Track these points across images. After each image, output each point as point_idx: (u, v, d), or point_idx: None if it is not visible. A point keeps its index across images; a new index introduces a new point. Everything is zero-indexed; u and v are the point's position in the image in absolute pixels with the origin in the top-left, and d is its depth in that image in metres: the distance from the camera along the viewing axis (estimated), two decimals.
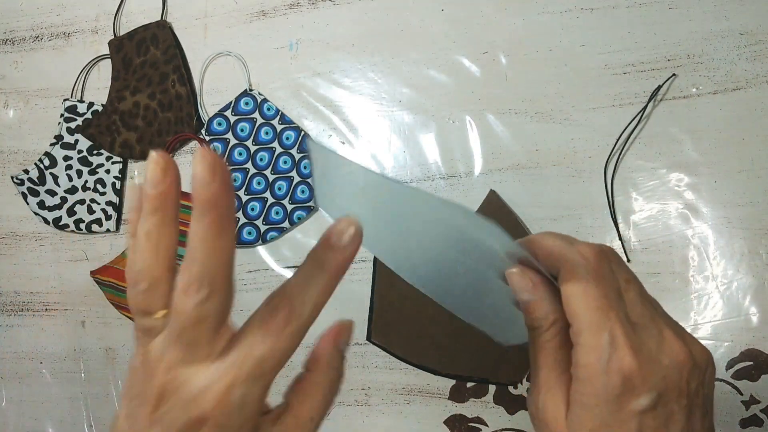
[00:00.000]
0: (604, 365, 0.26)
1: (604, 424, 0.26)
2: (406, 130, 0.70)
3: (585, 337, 0.26)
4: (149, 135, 0.76)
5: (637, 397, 0.26)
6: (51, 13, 0.83)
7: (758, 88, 0.62)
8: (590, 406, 0.26)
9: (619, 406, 0.26)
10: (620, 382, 0.26)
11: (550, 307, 0.28)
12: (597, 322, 0.26)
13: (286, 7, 0.75)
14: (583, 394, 0.26)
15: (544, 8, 0.68)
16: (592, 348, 0.26)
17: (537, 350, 0.29)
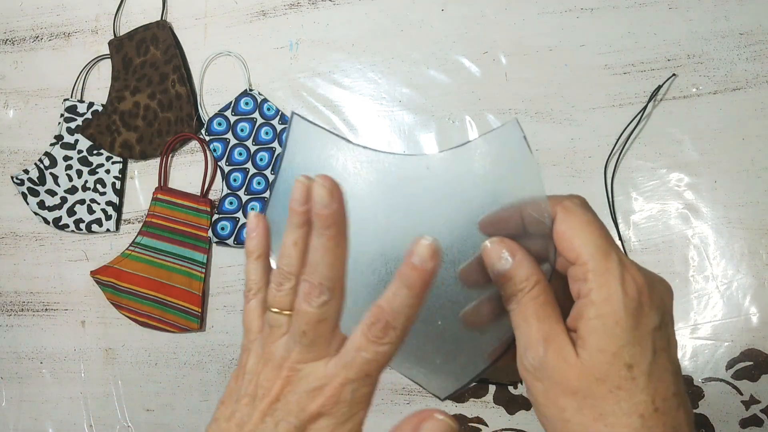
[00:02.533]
0: (619, 283, 0.27)
1: (626, 343, 0.26)
2: (406, 130, 0.70)
3: (596, 263, 0.27)
4: (149, 135, 0.76)
5: (647, 315, 0.27)
6: (51, 13, 0.83)
7: (758, 88, 0.62)
8: (610, 327, 0.26)
9: (636, 322, 0.27)
10: (636, 296, 0.27)
11: (531, 268, 0.29)
12: (605, 248, 0.27)
13: (286, 7, 0.75)
14: (599, 316, 0.27)
15: (544, 8, 0.68)
16: (604, 270, 0.27)
17: (525, 309, 0.28)
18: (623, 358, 0.26)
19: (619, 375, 0.26)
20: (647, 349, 0.27)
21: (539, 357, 0.27)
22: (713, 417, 0.60)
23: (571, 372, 0.27)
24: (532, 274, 0.29)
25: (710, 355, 0.61)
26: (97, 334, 0.77)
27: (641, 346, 0.27)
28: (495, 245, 0.30)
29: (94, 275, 0.75)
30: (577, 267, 0.28)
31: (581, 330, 0.27)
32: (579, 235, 0.28)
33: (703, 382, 0.61)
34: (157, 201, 0.74)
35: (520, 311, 0.29)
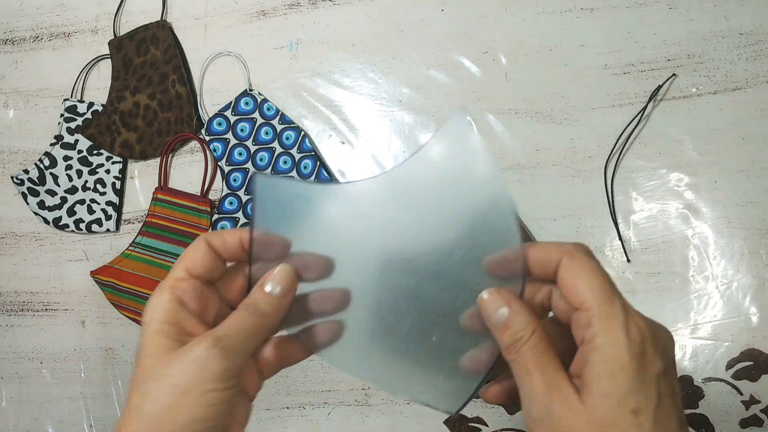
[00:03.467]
0: (623, 328, 0.27)
1: (631, 389, 0.26)
2: (406, 130, 0.70)
3: (600, 309, 0.27)
4: (149, 135, 0.76)
5: (652, 360, 0.27)
6: (51, 13, 0.83)
7: (758, 88, 0.62)
8: (615, 372, 0.26)
9: (641, 367, 0.27)
10: (640, 341, 0.27)
11: (528, 316, 0.29)
12: (609, 294, 0.28)
13: (286, 7, 0.75)
14: (605, 361, 0.27)
15: (544, 8, 0.68)
16: (609, 316, 0.27)
17: (525, 360, 0.29)
18: (629, 404, 0.26)
19: (625, 421, 0.26)
20: (652, 395, 0.27)
21: (545, 407, 0.27)
22: (713, 417, 0.60)
23: (578, 420, 0.27)
24: (529, 323, 0.29)
25: (710, 355, 0.61)
26: (97, 334, 0.77)
27: (647, 391, 0.27)
28: (491, 296, 0.30)
29: (94, 275, 0.75)
30: (581, 313, 0.28)
31: (586, 376, 0.27)
32: (583, 281, 0.28)
33: (703, 382, 0.61)
34: (157, 201, 0.74)
35: (521, 362, 0.29)
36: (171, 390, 0.29)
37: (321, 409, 0.70)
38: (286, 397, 0.71)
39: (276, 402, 0.71)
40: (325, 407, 0.70)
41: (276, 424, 0.71)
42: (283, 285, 0.32)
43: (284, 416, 0.71)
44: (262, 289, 0.32)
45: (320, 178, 0.70)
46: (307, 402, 0.70)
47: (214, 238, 0.33)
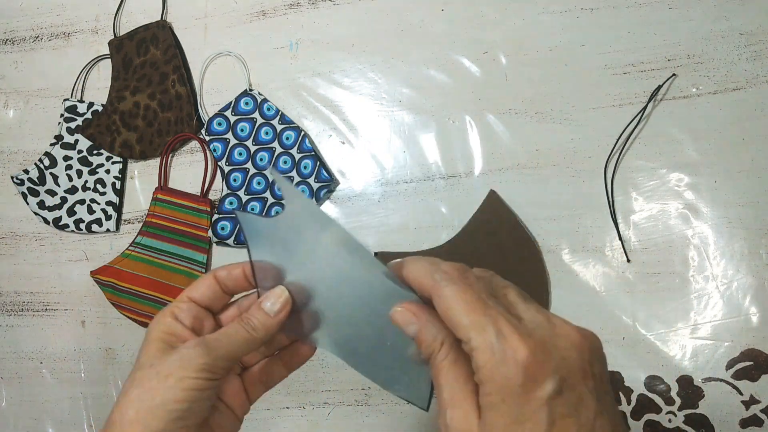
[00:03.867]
0: (498, 358, 0.26)
1: (515, 421, 0.25)
2: (406, 130, 0.70)
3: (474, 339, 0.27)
4: (149, 135, 0.76)
5: (540, 384, 0.25)
6: (51, 13, 0.83)
7: (758, 88, 0.62)
8: (497, 404, 0.26)
9: (526, 397, 0.25)
10: (519, 370, 0.25)
11: (436, 329, 0.29)
12: (478, 321, 0.27)
13: (286, 7, 0.75)
14: (488, 394, 0.26)
15: (544, 8, 0.68)
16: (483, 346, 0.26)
17: (436, 372, 0.29)
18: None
19: None
20: (542, 422, 0.25)
21: (445, 424, 0.28)
22: (713, 417, 0.60)
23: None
24: (438, 334, 0.29)
25: (710, 355, 0.61)
26: (97, 334, 0.77)
27: (534, 420, 0.25)
28: (400, 311, 0.31)
29: (94, 275, 0.75)
30: (464, 344, 0.28)
31: (480, 404, 0.27)
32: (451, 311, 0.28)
33: (703, 382, 0.61)
34: (157, 201, 0.74)
35: (434, 373, 0.29)
36: (154, 376, 0.33)
37: (321, 409, 0.70)
38: (286, 397, 0.71)
39: (276, 402, 0.71)
40: (325, 407, 0.70)
41: (276, 424, 0.71)
42: (278, 304, 0.36)
43: (284, 416, 0.71)
44: (259, 306, 0.36)
45: (320, 178, 0.70)
46: (307, 402, 0.70)
47: (221, 271, 0.38)
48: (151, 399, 0.32)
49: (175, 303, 0.38)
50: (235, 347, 0.35)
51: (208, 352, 0.34)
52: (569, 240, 0.65)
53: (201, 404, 0.34)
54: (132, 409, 0.32)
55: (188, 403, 0.33)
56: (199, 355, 0.33)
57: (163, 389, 0.32)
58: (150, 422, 0.32)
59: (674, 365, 0.61)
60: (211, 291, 0.38)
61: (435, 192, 0.69)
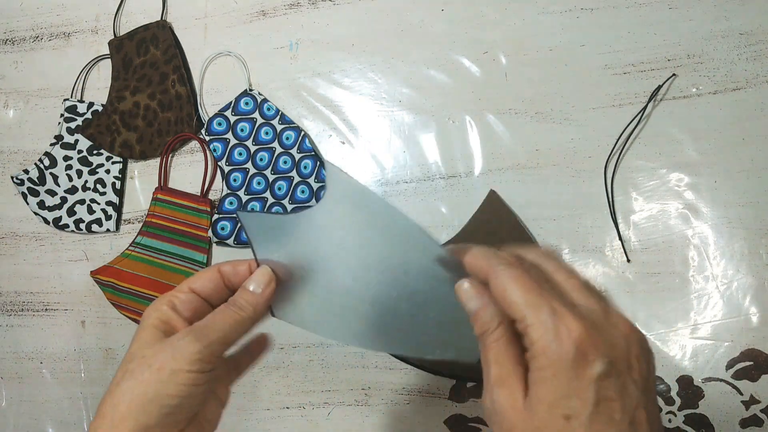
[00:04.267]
0: (552, 334, 0.27)
1: (563, 395, 0.26)
2: (406, 130, 0.70)
3: (529, 317, 0.28)
4: (149, 135, 0.76)
5: (591, 363, 0.27)
6: (51, 13, 0.83)
7: (758, 88, 0.62)
8: (548, 378, 0.27)
9: (576, 373, 0.26)
10: (572, 347, 0.27)
11: (494, 309, 0.31)
12: (534, 300, 0.28)
13: (286, 7, 0.75)
14: (539, 368, 0.27)
15: (544, 8, 0.68)
16: (538, 323, 0.28)
17: (487, 351, 0.30)
18: (561, 409, 0.26)
19: (556, 426, 0.26)
20: (588, 400, 0.26)
21: (492, 400, 0.28)
22: (713, 417, 0.60)
23: (517, 418, 0.27)
24: (495, 316, 0.30)
25: (710, 355, 0.61)
26: (97, 334, 0.77)
27: (581, 397, 0.26)
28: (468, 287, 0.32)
29: (94, 275, 0.75)
30: (518, 323, 0.29)
31: (529, 380, 0.28)
32: (510, 293, 0.29)
33: (703, 382, 0.61)
34: (157, 201, 0.74)
35: (484, 352, 0.30)
36: (147, 368, 0.32)
37: (321, 409, 0.70)
38: (286, 397, 0.71)
39: (276, 402, 0.71)
40: (325, 407, 0.70)
41: (276, 424, 0.71)
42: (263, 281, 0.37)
43: (284, 416, 0.71)
44: (244, 289, 0.37)
45: (320, 178, 0.70)
46: (307, 402, 0.70)
47: (226, 266, 0.38)
48: (143, 393, 0.32)
49: (174, 292, 0.37)
50: (226, 331, 0.35)
51: (199, 339, 0.33)
52: (569, 240, 0.65)
53: (194, 398, 0.33)
54: (123, 404, 0.32)
55: (181, 398, 0.32)
56: (190, 344, 0.33)
57: (156, 383, 0.32)
58: (141, 417, 0.31)
59: (674, 365, 0.61)
60: (213, 284, 0.38)
61: (435, 192, 0.69)
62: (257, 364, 0.44)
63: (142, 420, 0.31)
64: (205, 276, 0.38)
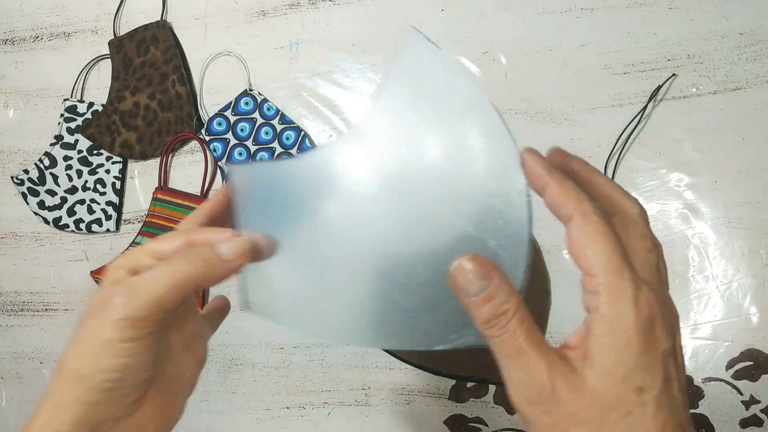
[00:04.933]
0: (631, 301, 0.25)
1: (636, 366, 0.25)
2: None
3: (607, 278, 0.26)
4: (149, 135, 0.76)
5: (659, 338, 0.25)
6: (51, 13, 0.83)
7: (758, 88, 0.62)
8: (620, 347, 0.25)
9: (648, 345, 0.25)
10: (648, 316, 0.25)
11: (511, 288, 0.27)
12: (618, 263, 0.26)
13: (286, 7, 0.75)
14: (611, 333, 0.25)
15: (544, 8, 0.68)
16: (616, 287, 0.25)
17: (516, 339, 0.26)
18: (634, 381, 0.25)
19: (629, 399, 0.25)
20: (658, 375, 0.25)
21: (545, 389, 0.25)
22: (713, 417, 0.60)
23: (584, 401, 0.25)
24: (512, 296, 0.26)
25: (710, 355, 0.61)
26: None
27: (653, 370, 0.25)
28: (468, 262, 0.27)
29: (94, 275, 0.75)
30: (588, 278, 0.26)
31: (591, 348, 0.25)
32: (592, 245, 0.26)
33: (703, 382, 0.61)
34: (157, 201, 0.74)
35: (510, 340, 0.26)
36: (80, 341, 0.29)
37: (321, 409, 0.70)
38: (286, 397, 0.71)
39: (276, 402, 0.71)
40: (325, 407, 0.70)
41: (276, 424, 0.71)
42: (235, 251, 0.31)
43: (284, 416, 0.71)
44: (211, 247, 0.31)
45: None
46: (307, 402, 0.70)
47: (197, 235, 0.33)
48: (79, 369, 0.28)
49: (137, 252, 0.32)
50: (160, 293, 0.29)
51: (130, 300, 0.28)
52: None
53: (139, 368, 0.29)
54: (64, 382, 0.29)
55: (121, 371, 0.28)
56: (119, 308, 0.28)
57: (90, 358, 0.28)
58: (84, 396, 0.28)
59: None
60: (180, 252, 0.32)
61: None
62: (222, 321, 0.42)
63: (84, 398, 0.28)
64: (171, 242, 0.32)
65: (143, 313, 0.28)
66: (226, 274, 0.31)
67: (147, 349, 0.29)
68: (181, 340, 0.35)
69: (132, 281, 0.29)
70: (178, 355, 0.34)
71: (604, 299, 0.25)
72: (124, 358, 0.28)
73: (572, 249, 0.27)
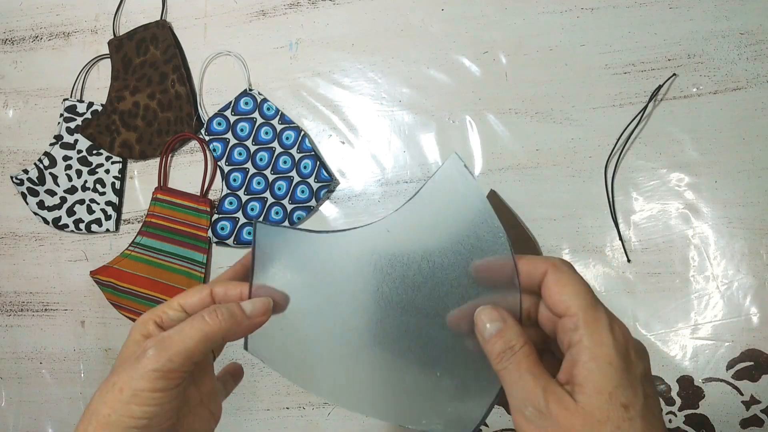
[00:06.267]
0: (608, 329, 0.29)
1: (620, 384, 0.28)
2: (406, 130, 0.70)
3: (585, 313, 0.29)
4: (149, 135, 0.76)
5: (635, 361, 0.29)
6: (50, 13, 0.83)
7: (758, 88, 0.62)
8: (604, 367, 0.28)
9: (627, 365, 0.28)
10: (623, 342, 0.29)
11: (520, 329, 0.31)
12: (593, 301, 0.30)
13: (286, 7, 0.75)
14: (595, 358, 0.28)
15: (544, 8, 0.68)
16: (594, 319, 0.29)
17: (519, 367, 0.30)
18: (619, 398, 0.27)
19: (617, 415, 0.27)
20: (639, 393, 0.28)
21: (541, 407, 0.28)
22: (713, 417, 0.60)
23: (574, 418, 0.28)
24: (521, 335, 0.31)
25: (711, 355, 0.61)
26: (97, 334, 0.77)
27: (633, 388, 0.28)
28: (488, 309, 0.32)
29: (93, 275, 0.75)
30: (567, 318, 0.30)
31: (577, 375, 0.28)
32: (569, 290, 0.30)
33: (703, 382, 0.61)
34: (157, 201, 0.74)
35: (514, 368, 0.30)
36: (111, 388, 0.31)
37: (321, 410, 0.70)
38: (286, 397, 0.71)
39: (276, 402, 0.71)
40: (325, 407, 0.70)
41: (276, 424, 0.71)
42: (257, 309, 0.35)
43: (284, 416, 0.71)
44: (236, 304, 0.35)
45: (320, 178, 0.69)
46: (307, 402, 0.70)
47: (218, 288, 0.37)
48: (107, 416, 0.31)
49: (164, 307, 0.36)
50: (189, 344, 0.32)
51: (161, 353, 0.31)
52: (569, 240, 0.65)
53: (163, 417, 0.32)
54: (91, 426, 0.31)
55: (147, 419, 0.31)
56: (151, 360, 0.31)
57: (119, 404, 0.31)
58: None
59: (675, 365, 0.61)
60: (205, 304, 0.36)
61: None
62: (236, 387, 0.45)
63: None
64: (196, 296, 0.36)
65: (174, 364, 0.32)
66: (250, 330, 0.35)
67: (174, 398, 0.32)
68: (198, 396, 0.38)
69: (164, 335, 0.33)
70: (195, 408, 0.37)
71: (584, 331, 0.29)
72: (153, 407, 0.31)
73: (550, 297, 0.31)
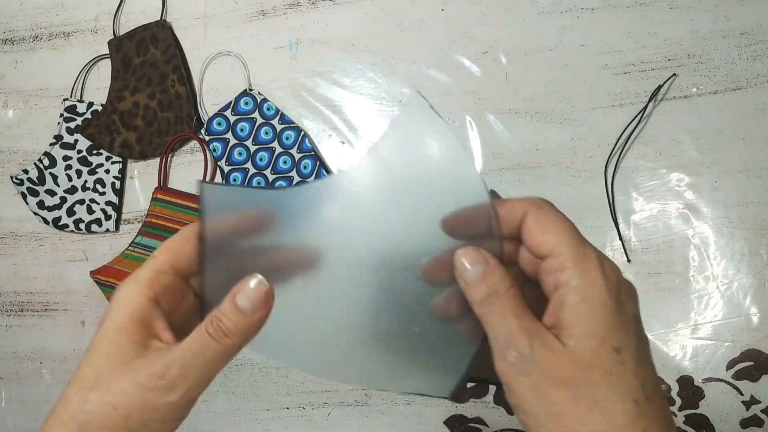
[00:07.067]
0: (599, 268, 0.27)
1: (612, 326, 0.26)
2: None
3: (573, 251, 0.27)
4: (149, 135, 0.76)
5: (627, 302, 0.27)
6: (50, 13, 0.83)
7: (758, 88, 0.62)
8: (595, 309, 0.26)
9: (619, 306, 0.26)
10: (614, 281, 0.27)
11: (505, 272, 0.29)
12: (580, 239, 0.28)
13: (286, 7, 0.75)
14: (585, 300, 0.26)
15: (545, 8, 0.68)
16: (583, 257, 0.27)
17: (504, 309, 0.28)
18: (611, 341, 0.26)
19: (609, 359, 0.25)
20: (632, 335, 0.26)
21: (525, 350, 0.26)
22: (714, 417, 0.60)
23: (562, 361, 0.26)
24: (506, 277, 0.28)
25: (711, 355, 0.61)
26: None
27: (626, 330, 0.26)
28: (469, 252, 0.29)
29: (93, 275, 0.75)
30: (552, 259, 0.27)
31: (565, 318, 0.26)
32: (552, 229, 0.28)
33: (703, 382, 0.61)
34: (157, 201, 0.74)
35: (498, 311, 0.28)
36: (111, 411, 0.27)
37: (321, 410, 0.70)
38: (286, 397, 0.71)
39: (276, 402, 0.71)
40: (325, 407, 0.70)
41: (276, 424, 0.71)
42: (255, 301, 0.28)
43: (284, 416, 0.71)
44: (232, 305, 0.28)
45: (320, 178, 0.69)
46: (307, 402, 0.70)
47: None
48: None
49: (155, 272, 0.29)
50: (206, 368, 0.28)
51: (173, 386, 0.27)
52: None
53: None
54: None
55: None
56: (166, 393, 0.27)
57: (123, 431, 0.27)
58: None
59: (674, 365, 0.61)
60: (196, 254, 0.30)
61: None
62: None
63: None
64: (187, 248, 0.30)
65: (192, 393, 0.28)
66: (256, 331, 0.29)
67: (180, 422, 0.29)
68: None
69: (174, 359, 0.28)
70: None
71: (573, 271, 0.27)
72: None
73: (531, 238, 0.28)
